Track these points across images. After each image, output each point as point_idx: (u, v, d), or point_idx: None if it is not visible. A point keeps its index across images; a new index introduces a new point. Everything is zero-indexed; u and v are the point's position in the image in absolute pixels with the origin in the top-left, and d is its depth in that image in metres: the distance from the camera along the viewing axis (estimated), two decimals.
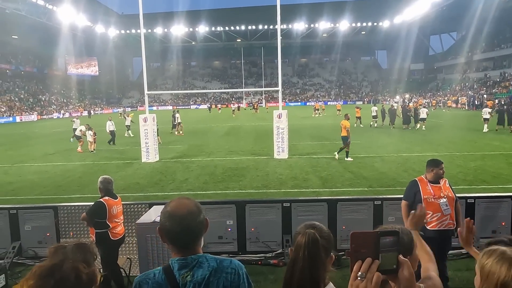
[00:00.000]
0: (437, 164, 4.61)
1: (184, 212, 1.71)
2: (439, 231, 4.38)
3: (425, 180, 4.63)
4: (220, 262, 1.75)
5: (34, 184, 12.01)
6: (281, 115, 15.52)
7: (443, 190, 4.51)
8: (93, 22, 72.07)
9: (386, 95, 77.78)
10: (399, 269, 1.31)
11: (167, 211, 1.73)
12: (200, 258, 1.72)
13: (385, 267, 1.26)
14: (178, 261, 1.70)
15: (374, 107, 29.37)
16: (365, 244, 1.27)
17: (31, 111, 56.92)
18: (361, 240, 1.29)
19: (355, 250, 1.29)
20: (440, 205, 4.41)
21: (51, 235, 6.34)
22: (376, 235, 1.26)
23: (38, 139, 26.23)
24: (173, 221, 1.69)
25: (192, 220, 1.70)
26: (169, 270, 1.69)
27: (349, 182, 11.02)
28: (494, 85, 55.62)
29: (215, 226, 6.22)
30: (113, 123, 21.42)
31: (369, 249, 1.26)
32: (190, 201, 1.78)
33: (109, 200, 4.99)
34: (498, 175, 11.27)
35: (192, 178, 12.24)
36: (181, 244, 1.72)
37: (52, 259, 1.61)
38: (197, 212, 1.74)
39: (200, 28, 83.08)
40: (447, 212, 4.41)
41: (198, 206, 1.78)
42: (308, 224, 1.70)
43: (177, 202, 1.76)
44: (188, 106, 79.66)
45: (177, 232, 1.68)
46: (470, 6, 56.00)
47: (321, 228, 1.68)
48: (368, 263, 1.25)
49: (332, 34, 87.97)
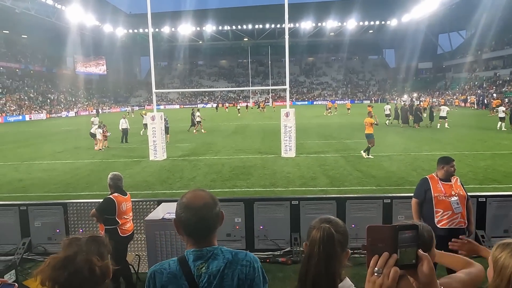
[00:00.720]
0: (448, 161, 4.54)
1: (200, 203, 1.70)
2: (449, 230, 4.32)
3: (436, 178, 4.57)
4: (235, 254, 1.74)
5: (43, 181, 12.12)
6: (288, 114, 15.48)
7: (454, 188, 4.45)
8: (101, 22, 72.62)
9: (394, 94, 77.27)
10: (419, 264, 1.28)
11: (183, 202, 1.72)
12: (215, 250, 1.71)
13: (404, 261, 1.23)
14: (193, 252, 1.70)
15: (387, 106, 29.57)
16: (382, 238, 1.24)
17: (40, 110, 57.49)
18: (378, 234, 1.26)
19: (371, 244, 1.26)
20: (451, 203, 4.34)
21: (60, 232, 6.38)
22: (394, 229, 1.22)
23: (47, 137, 26.47)
24: (189, 212, 1.68)
25: (208, 211, 1.70)
26: (184, 261, 1.69)
27: (358, 181, 10.95)
28: (504, 84, 54.94)
29: (224, 223, 6.18)
30: (126, 121, 21.54)
31: (386, 244, 1.22)
32: (206, 193, 1.77)
33: (119, 197, 5.00)
34: (509, 174, 11.11)
35: (200, 176, 12.25)
36: (196, 236, 1.71)
37: (66, 251, 1.61)
38: (212, 204, 1.73)
39: (207, 27, 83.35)
40: (458, 211, 4.34)
41: (214, 198, 1.77)
42: (323, 218, 1.67)
43: (193, 193, 1.75)
44: (195, 105, 79.91)
45: (193, 223, 1.68)
46: (479, 4, 55.34)
47: (337, 223, 1.65)
48: (385, 257, 1.21)
49: (340, 33, 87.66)
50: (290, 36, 60.71)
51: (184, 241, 1.75)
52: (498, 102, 36.79)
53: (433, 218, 4.42)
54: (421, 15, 70.73)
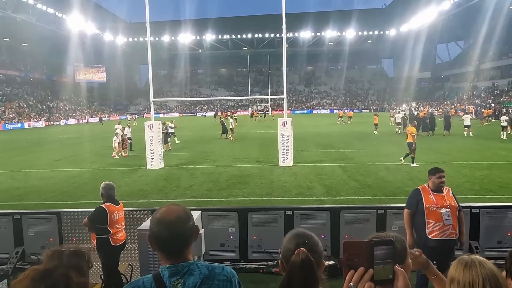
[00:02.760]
0: (434, 172, 4.57)
1: (172, 218, 1.68)
2: (441, 241, 4.32)
3: (428, 188, 4.59)
4: (212, 269, 1.72)
5: (39, 189, 12.10)
6: (286, 123, 15.53)
7: (446, 199, 4.46)
8: (101, 30, 73.08)
9: (393, 104, 77.51)
10: (395, 280, 1.28)
11: (156, 217, 1.71)
12: (191, 265, 1.69)
13: (380, 277, 1.23)
14: (168, 268, 1.67)
15: (399, 114, 30.68)
16: (358, 253, 1.25)
17: (39, 118, 57.53)
18: (354, 249, 1.27)
19: (347, 259, 1.27)
20: (442, 215, 4.35)
21: (54, 241, 6.36)
22: (369, 244, 1.23)
23: (45, 145, 26.47)
24: (162, 227, 1.67)
25: (181, 226, 1.68)
26: (159, 278, 1.65)
27: (354, 191, 10.95)
28: (502, 94, 55.19)
29: (217, 233, 6.21)
30: (130, 130, 21.60)
31: (362, 259, 1.23)
32: (179, 207, 1.75)
33: (110, 206, 5.01)
34: (506, 185, 11.12)
35: (196, 185, 12.24)
36: (169, 251, 1.69)
37: (46, 264, 1.62)
38: (186, 218, 1.71)
39: (207, 36, 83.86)
40: (449, 222, 4.35)
41: (187, 212, 1.76)
42: (298, 236, 1.62)
43: (166, 208, 1.74)
44: (195, 114, 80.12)
45: (166, 238, 1.66)
46: (477, 15, 55.83)
47: (312, 242, 1.60)
48: (360, 273, 1.22)
49: (339, 43, 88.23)
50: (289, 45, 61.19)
51: (159, 256, 1.73)
52: (489, 112, 37.11)
53: (424, 229, 4.43)
54: (420, 25, 71.29)
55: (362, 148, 19.89)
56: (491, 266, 1.40)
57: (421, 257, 2.30)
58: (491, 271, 1.35)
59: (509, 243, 5.86)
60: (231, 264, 6.16)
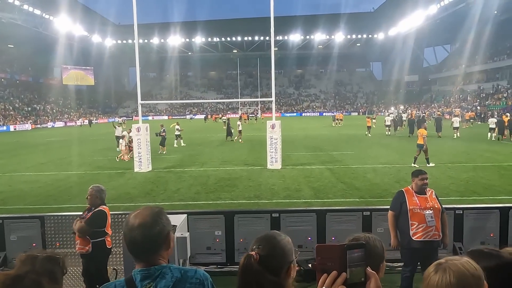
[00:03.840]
0: (417, 174, 4.66)
1: (135, 223, 1.66)
2: (424, 242, 4.38)
3: (411, 190, 4.64)
4: (185, 272, 1.71)
5: (24, 193, 11.90)
6: (274, 126, 15.55)
7: (429, 201, 4.51)
8: (90, 32, 72.47)
9: (381, 106, 78.30)
10: (367, 282, 1.29)
11: (126, 220, 1.71)
12: (163, 268, 1.67)
13: (353, 280, 1.25)
14: (140, 271, 1.66)
15: (388, 117, 32.13)
16: (331, 257, 1.26)
17: (26, 120, 56.68)
18: (327, 253, 1.28)
19: (321, 263, 1.28)
20: (425, 216, 4.41)
21: (37, 246, 6.24)
22: (342, 248, 1.24)
23: (31, 148, 26.07)
24: (126, 230, 1.67)
25: (144, 231, 1.64)
26: (131, 281, 1.64)
27: (341, 193, 11.01)
28: (487, 97, 56.19)
29: (204, 236, 6.17)
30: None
31: (335, 262, 1.24)
32: (148, 212, 1.71)
33: (106, 208, 4.98)
34: (490, 187, 11.30)
35: (184, 188, 12.18)
36: (136, 255, 1.68)
37: (18, 269, 1.59)
38: (151, 223, 1.66)
39: (196, 39, 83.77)
40: (432, 224, 4.40)
41: (156, 218, 1.69)
42: (258, 238, 1.56)
43: (137, 212, 1.72)
44: (184, 116, 79.79)
45: (130, 242, 1.65)
46: (464, 19, 56.84)
47: (269, 246, 1.51)
48: (333, 276, 1.23)
49: (328, 46, 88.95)
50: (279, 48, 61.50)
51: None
52: (471, 115, 38.10)
53: (408, 231, 4.48)
54: (408, 29, 72.31)
55: (350, 151, 20.03)
56: (468, 268, 1.39)
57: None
58: (462, 275, 1.35)
59: (492, 244, 5.94)
60: (217, 268, 6.14)
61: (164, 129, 21.06)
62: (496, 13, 56.68)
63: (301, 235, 6.06)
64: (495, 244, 5.97)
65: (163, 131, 20.90)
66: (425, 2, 58.91)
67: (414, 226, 4.44)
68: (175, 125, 24.45)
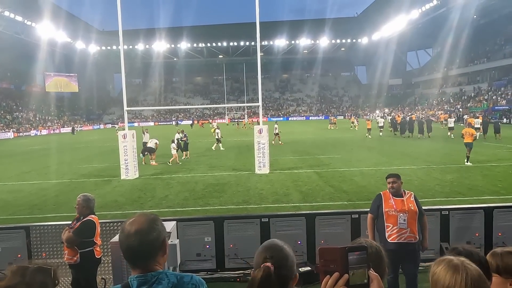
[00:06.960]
0: (387, 177, 4.75)
1: (131, 229, 1.66)
2: (399, 244, 4.45)
3: (388, 193, 4.72)
4: (181, 278, 1.71)
5: (7, 203, 11.64)
6: (261, 130, 15.59)
7: (406, 204, 4.58)
8: (73, 39, 71.62)
9: (366, 110, 79.31)
10: (370, 284, 1.32)
11: (121, 227, 1.71)
12: (160, 274, 1.68)
13: (356, 282, 1.27)
14: (137, 278, 1.65)
15: (381, 119, 34.50)
16: (333, 259, 1.29)
17: (8, 129, 55.49)
18: (329, 255, 1.31)
19: (323, 265, 1.31)
20: (398, 219, 4.49)
21: (22, 256, 6.11)
22: (343, 250, 1.27)
23: (14, 157, 25.54)
24: (122, 237, 1.67)
25: (138, 238, 1.64)
26: None
27: (329, 196, 11.08)
28: (469, 99, 57.45)
29: (193, 243, 6.14)
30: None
31: (337, 264, 1.27)
32: (144, 219, 1.71)
33: (95, 218, 4.90)
34: (474, 187, 11.54)
35: (172, 194, 12.09)
36: (132, 262, 1.68)
37: (8, 280, 1.57)
38: (147, 230, 1.67)
39: (182, 45, 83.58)
40: (403, 226, 4.47)
41: (152, 224, 1.70)
42: (266, 248, 1.54)
43: (133, 219, 1.72)
44: (170, 122, 79.26)
45: (127, 249, 1.65)
46: (445, 23, 58.20)
47: (281, 256, 1.52)
48: (335, 278, 1.26)
49: (313, 50, 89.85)
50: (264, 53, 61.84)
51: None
52: (445, 116, 39.75)
53: (384, 233, 4.56)
54: (391, 33, 73.64)
55: (337, 154, 20.20)
56: (475, 268, 1.46)
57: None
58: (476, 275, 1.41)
59: (477, 243, 6.07)
60: (207, 274, 6.10)
61: (185, 134, 20.96)
62: (476, 18, 58.21)
63: (291, 239, 6.07)
64: (480, 244, 6.11)
65: (185, 136, 20.75)
66: (407, 7, 60.10)
67: (389, 228, 4.52)
68: (216, 129, 25.25)
